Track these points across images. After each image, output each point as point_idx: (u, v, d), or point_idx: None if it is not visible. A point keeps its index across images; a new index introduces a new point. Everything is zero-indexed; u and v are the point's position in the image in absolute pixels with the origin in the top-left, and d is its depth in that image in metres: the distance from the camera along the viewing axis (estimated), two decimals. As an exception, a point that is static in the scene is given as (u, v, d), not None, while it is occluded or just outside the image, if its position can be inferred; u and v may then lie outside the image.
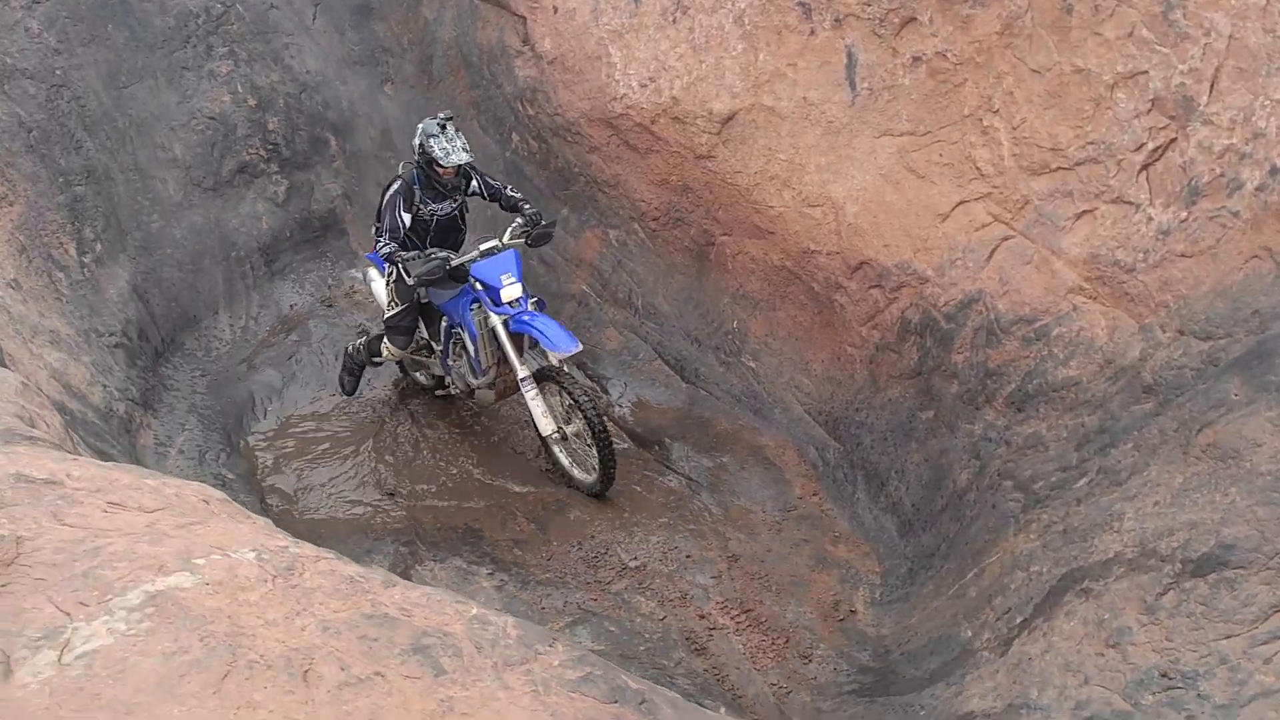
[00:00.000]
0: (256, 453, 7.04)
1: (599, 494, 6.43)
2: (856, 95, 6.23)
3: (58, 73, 7.37)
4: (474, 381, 6.68)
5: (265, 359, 7.66)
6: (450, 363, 6.78)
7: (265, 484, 6.76)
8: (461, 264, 6.19)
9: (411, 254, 6.18)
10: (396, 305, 6.66)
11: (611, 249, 7.74)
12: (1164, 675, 3.50)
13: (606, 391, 7.47)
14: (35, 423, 4.85)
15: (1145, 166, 5.01)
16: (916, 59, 5.93)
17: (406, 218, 6.30)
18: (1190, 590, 3.63)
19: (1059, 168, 5.34)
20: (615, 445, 6.35)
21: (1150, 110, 4.99)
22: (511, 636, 2.88)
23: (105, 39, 7.77)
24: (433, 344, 6.91)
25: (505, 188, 6.67)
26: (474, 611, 2.96)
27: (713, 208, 7.10)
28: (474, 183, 6.56)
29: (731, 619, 5.71)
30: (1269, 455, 3.75)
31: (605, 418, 6.31)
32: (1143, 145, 5.02)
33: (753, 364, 7.10)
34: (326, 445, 7.09)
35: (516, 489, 6.68)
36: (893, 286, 6.12)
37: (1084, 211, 5.23)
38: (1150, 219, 4.94)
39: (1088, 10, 5.19)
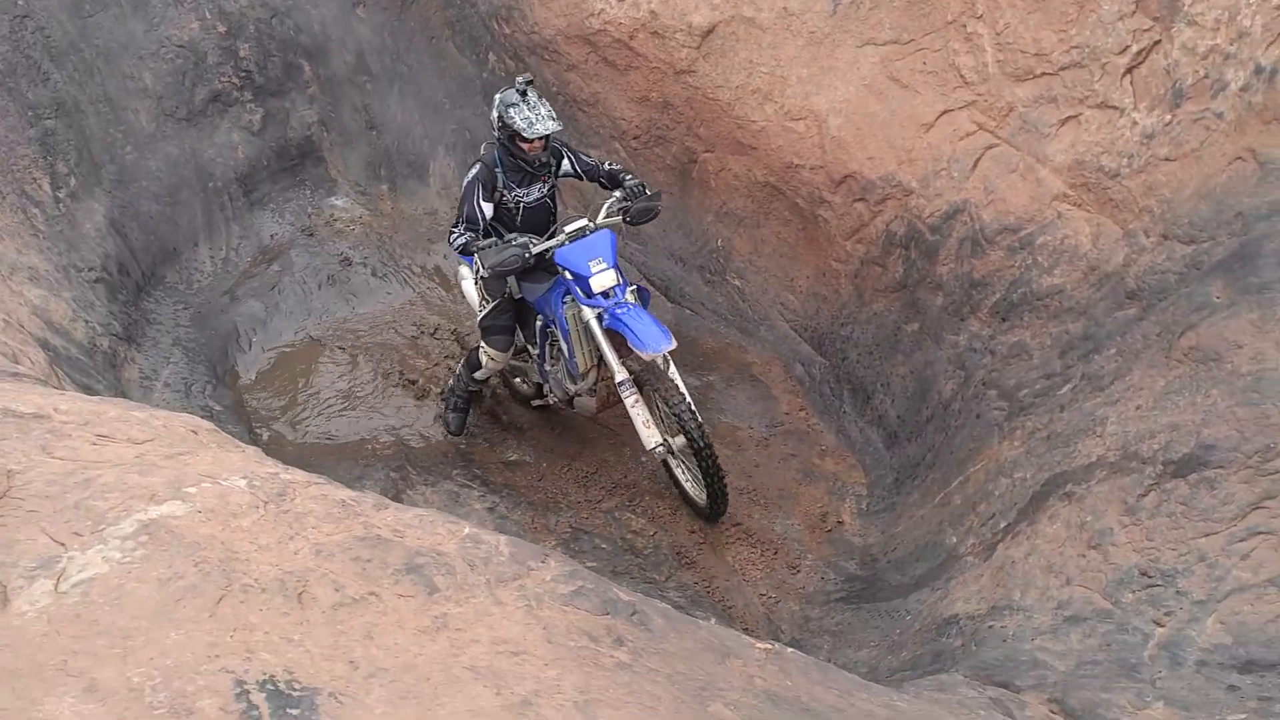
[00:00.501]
0: (243, 383, 7.04)
1: (710, 518, 5.74)
2: (838, 4, 6.13)
3: (20, 3, 7.19)
4: (571, 387, 5.88)
5: (248, 290, 7.61)
6: (548, 368, 5.97)
7: (253, 414, 6.77)
8: (545, 250, 5.38)
9: (487, 242, 5.40)
10: (489, 302, 5.86)
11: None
12: (1144, 574, 3.57)
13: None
14: (19, 359, 4.83)
15: (1129, 70, 4.96)
16: (898, -35, 5.83)
17: (488, 207, 5.55)
18: (1171, 491, 3.69)
19: (1043, 73, 5.29)
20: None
21: (1135, 12, 4.93)
22: (504, 554, 2.91)
23: (66, -35, 7.57)
24: (528, 347, 6.15)
25: (603, 163, 5.87)
26: (466, 531, 2.99)
27: (694, 124, 7.03)
28: (565, 161, 5.77)
29: (720, 533, 5.78)
30: (1250, 356, 3.78)
31: (709, 436, 5.38)
32: (1127, 48, 4.96)
33: (738, 282, 7.08)
34: (315, 374, 7.08)
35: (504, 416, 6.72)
36: (877, 199, 6.09)
37: (1069, 117, 5.19)
38: (1135, 123, 4.91)
39: (1071, -90, 5.10)
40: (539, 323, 5.80)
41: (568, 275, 5.37)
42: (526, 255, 5.29)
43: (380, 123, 8.29)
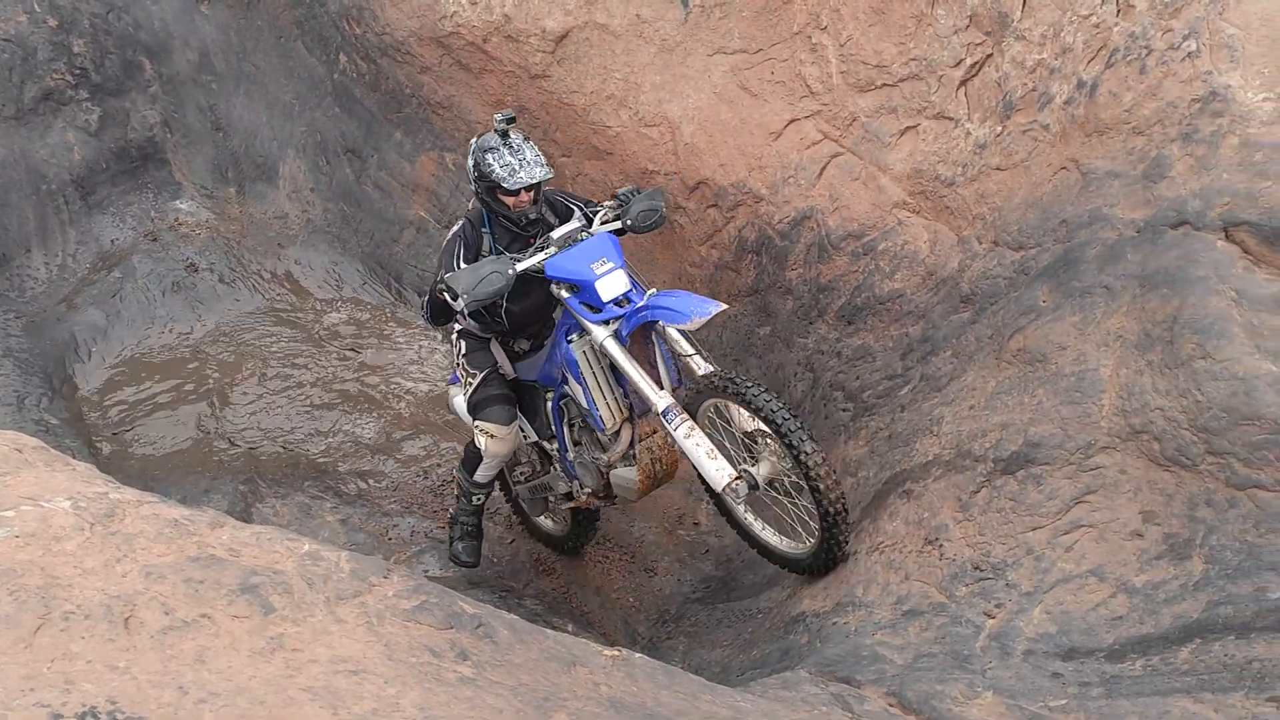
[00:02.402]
0: (82, 394, 6.74)
1: (818, 569, 4.31)
2: (689, 12, 6.22)
3: None
4: (603, 458, 4.65)
5: (87, 298, 7.30)
6: (570, 456, 4.83)
7: (93, 427, 6.49)
8: (532, 267, 4.26)
9: (450, 274, 4.27)
10: (474, 377, 4.80)
11: (449, 173, 7.59)
12: (976, 568, 3.72)
13: (450, 318, 7.39)
14: None
15: (964, 82, 5.17)
16: (746, -25, 5.94)
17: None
18: (1001, 487, 3.86)
19: (884, 84, 5.46)
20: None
21: (968, 26, 5.13)
22: (345, 570, 2.86)
23: (-121, -46, 7.13)
24: (543, 445, 5.04)
25: (593, 203, 4.77)
26: (306, 548, 2.92)
27: (550, 129, 7.02)
28: (575, 214, 4.64)
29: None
30: (1072, 358, 3.98)
31: (808, 431, 3.94)
32: (961, 61, 5.16)
33: (595, 286, 7.10)
34: (159, 383, 6.83)
35: (361, 427, 6.60)
36: (729, 205, 6.20)
37: (908, 127, 5.37)
38: (969, 134, 5.11)
39: (908, -73, 5.28)
40: (549, 402, 4.77)
41: (565, 293, 4.27)
42: (510, 273, 4.17)
43: (227, 124, 8.05)
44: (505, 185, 4.26)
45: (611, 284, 4.19)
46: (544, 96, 6.91)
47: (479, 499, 5.17)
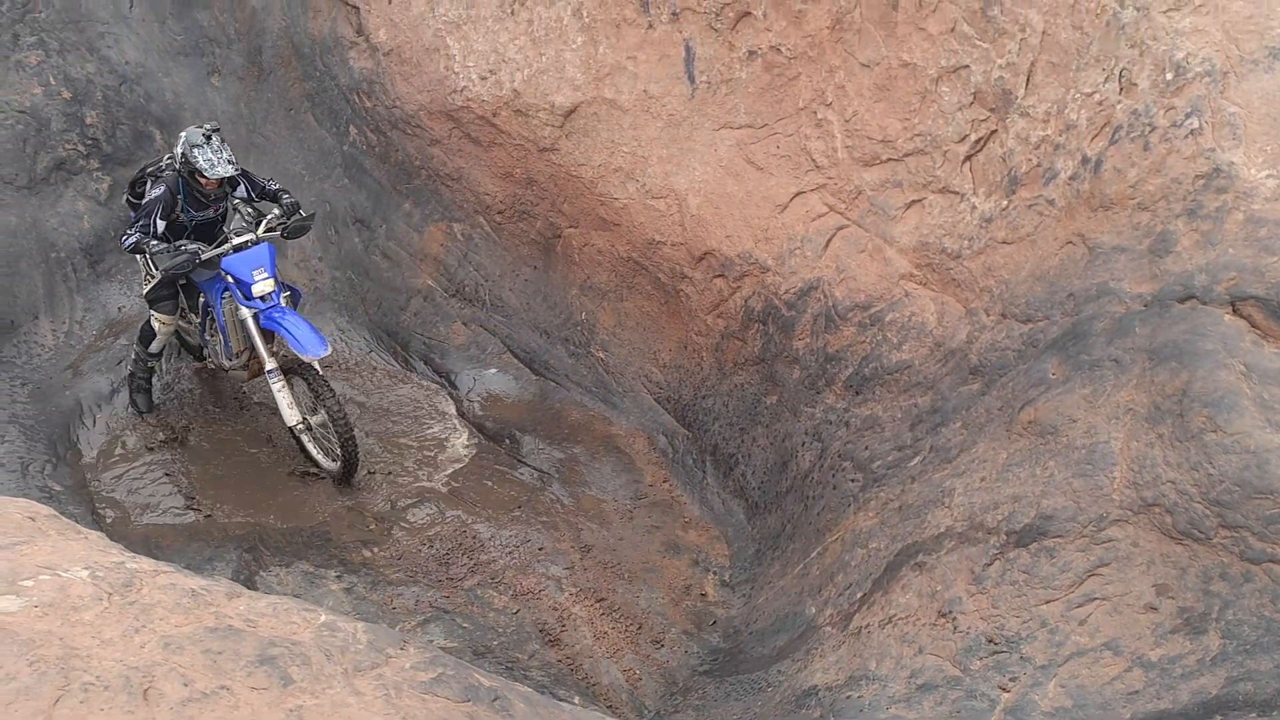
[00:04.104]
0: (85, 461, 6.72)
1: (343, 480, 6.52)
2: (695, 88, 6.34)
3: None
4: (226, 363, 6.75)
5: (92, 365, 7.31)
6: (207, 338, 6.83)
7: (96, 495, 6.46)
8: (212, 258, 6.14)
9: (160, 247, 6.03)
10: (153, 279, 6.56)
11: (457, 243, 7.67)
12: (990, 641, 3.70)
13: (455, 386, 7.41)
14: None
15: (969, 157, 5.25)
16: (752, 53, 6.06)
17: (162, 224, 6.19)
18: (1014, 560, 3.85)
19: (889, 159, 5.55)
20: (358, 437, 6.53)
21: (972, 103, 5.23)
22: (362, 642, 2.85)
23: (-99, 27, 7.27)
24: (191, 316, 6.89)
25: (268, 181, 6.62)
26: (322, 619, 2.91)
27: (558, 200, 7.12)
28: (241, 188, 6.49)
29: (585, 609, 5.75)
30: (1083, 430, 4.00)
31: (346, 409, 6.41)
32: (966, 136, 5.26)
33: (602, 354, 7.15)
34: (163, 451, 6.81)
35: (365, 493, 6.58)
36: (736, 276, 6.26)
37: (913, 201, 5.45)
38: (974, 208, 5.19)
39: (912, 6, 5.40)
40: (201, 300, 6.60)
41: (230, 279, 6.14)
42: (197, 261, 6.06)
43: (237, 193, 8.11)
44: (205, 173, 6.05)
45: (262, 288, 6.10)
46: (552, 169, 7.01)
47: (152, 364, 7.00)
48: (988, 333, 4.85)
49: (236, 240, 6.20)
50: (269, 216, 6.34)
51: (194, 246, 6.07)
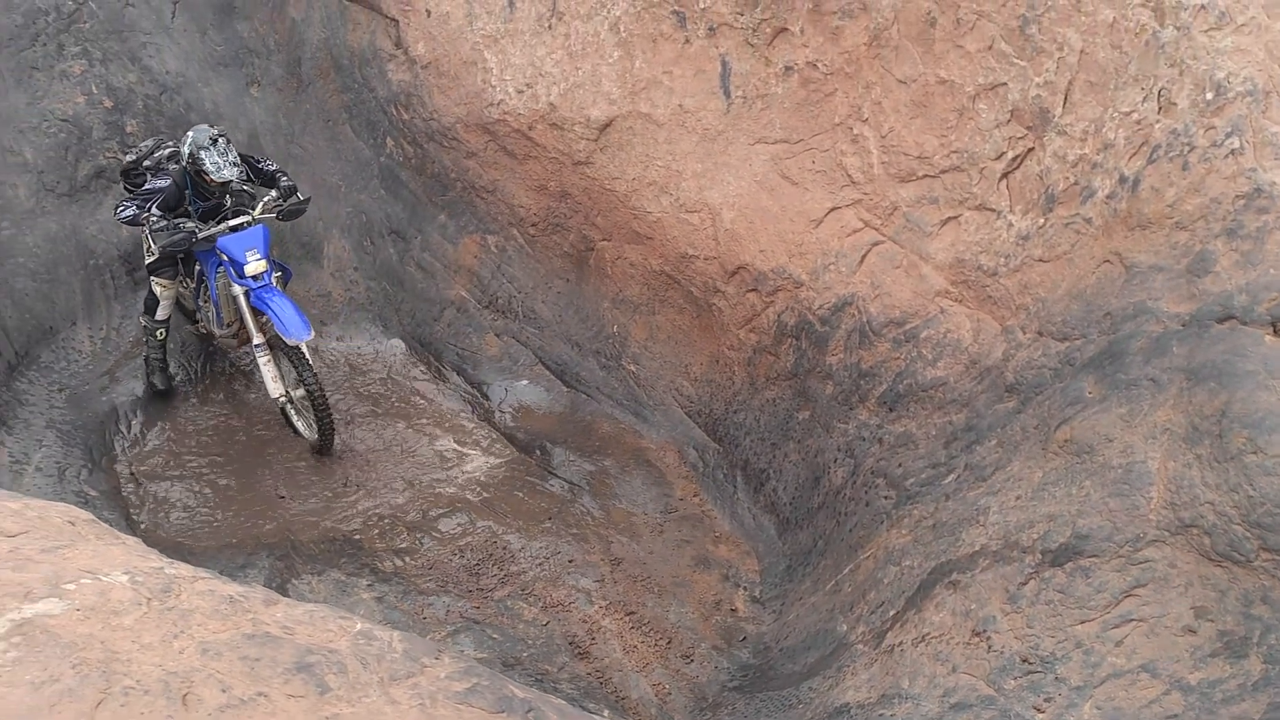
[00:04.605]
0: (121, 467, 6.80)
1: (321, 451, 6.91)
2: (731, 103, 6.35)
3: (-104, 72, 6.99)
4: (216, 330, 7.13)
5: (128, 371, 7.40)
6: (200, 304, 7.15)
7: (131, 500, 6.53)
8: (209, 236, 6.44)
9: (160, 225, 6.35)
10: (153, 253, 6.87)
11: (490, 255, 7.71)
12: (1025, 660, 3.67)
13: (487, 397, 7.44)
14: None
15: (1005, 175, 5.23)
16: (789, 68, 6.07)
17: (157, 212, 6.47)
18: (1049, 579, 3.82)
19: (925, 175, 5.54)
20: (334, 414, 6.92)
21: (1010, 121, 5.21)
22: (397, 651, 2.86)
23: (-52, 38, 7.40)
24: (187, 280, 7.14)
25: (266, 162, 6.93)
26: (358, 627, 2.93)
27: (592, 213, 7.14)
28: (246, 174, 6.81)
29: (614, 622, 5.76)
30: (1120, 450, 3.97)
31: (324, 386, 6.82)
32: (1003, 154, 5.24)
33: (633, 368, 7.16)
34: (196, 457, 6.88)
35: (398, 499, 6.61)
36: (769, 290, 6.26)
37: (949, 218, 5.44)
38: (1011, 225, 5.16)
39: (950, 23, 5.39)
40: (198, 268, 6.90)
41: (225, 257, 6.44)
42: (193, 240, 6.41)
43: (274, 203, 8.20)
44: (211, 175, 6.36)
45: (255, 268, 6.36)
46: (586, 182, 7.04)
47: (161, 333, 7.18)
48: (1024, 351, 4.83)
49: (233, 221, 6.51)
50: (266, 198, 6.64)
51: (191, 225, 6.41)
